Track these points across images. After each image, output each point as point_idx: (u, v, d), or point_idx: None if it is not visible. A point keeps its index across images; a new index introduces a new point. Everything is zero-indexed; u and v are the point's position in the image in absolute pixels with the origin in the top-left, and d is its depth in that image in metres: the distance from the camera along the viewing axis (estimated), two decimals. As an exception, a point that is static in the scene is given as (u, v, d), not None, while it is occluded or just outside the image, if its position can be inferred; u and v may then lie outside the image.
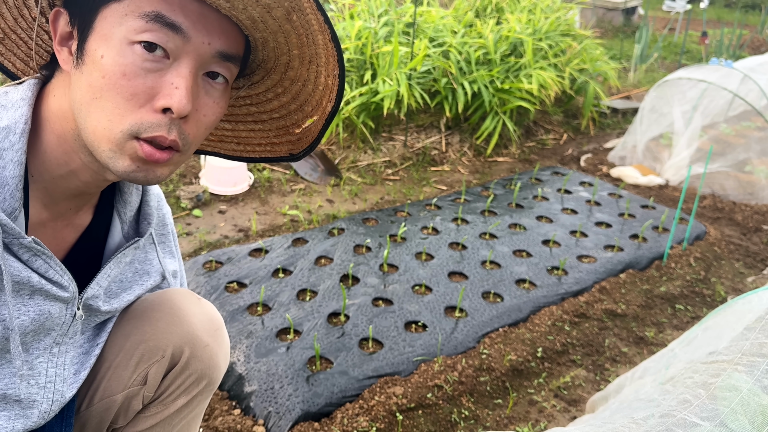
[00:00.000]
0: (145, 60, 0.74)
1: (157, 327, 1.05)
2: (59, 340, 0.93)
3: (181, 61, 0.76)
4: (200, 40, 0.76)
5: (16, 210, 0.80)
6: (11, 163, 0.78)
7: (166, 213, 1.11)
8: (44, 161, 0.84)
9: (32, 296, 0.85)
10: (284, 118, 0.97)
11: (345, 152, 4.08)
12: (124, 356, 1.05)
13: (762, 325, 1.20)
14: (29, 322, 0.85)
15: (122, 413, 1.08)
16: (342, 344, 2.10)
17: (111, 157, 0.78)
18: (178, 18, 0.74)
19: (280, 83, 0.92)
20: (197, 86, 0.79)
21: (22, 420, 0.90)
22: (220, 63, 0.80)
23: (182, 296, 1.10)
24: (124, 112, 0.75)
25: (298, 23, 0.78)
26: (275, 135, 1.00)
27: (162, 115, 0.77)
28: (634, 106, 5.48)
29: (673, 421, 1.06)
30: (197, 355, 1.08)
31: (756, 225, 3.41)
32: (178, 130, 0.78)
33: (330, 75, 0.85)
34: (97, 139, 0.78)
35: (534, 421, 1.93)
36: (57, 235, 0.92)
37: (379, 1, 4.74)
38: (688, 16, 8.72)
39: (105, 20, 0.75)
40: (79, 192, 0.89)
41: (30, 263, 0.83)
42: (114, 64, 0.74)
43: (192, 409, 1.14)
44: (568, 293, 2.53)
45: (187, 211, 3.16)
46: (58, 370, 0.94)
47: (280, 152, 1.01)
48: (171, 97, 0.75)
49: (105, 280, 0.96)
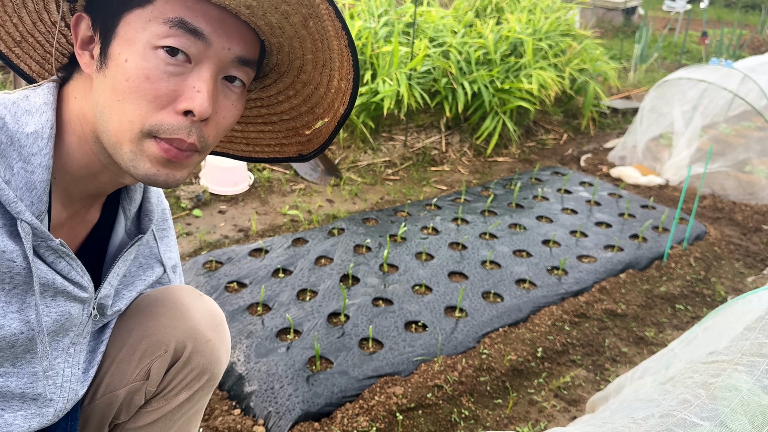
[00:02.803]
0: (168, 64, 0.76)
1: (160, 322, 1.06)
2: (75, 340, 0.95)
3: (202, 66, 0.78)
4: (221, 46, 0.78)
5: (42, 213, 0.81)
6: (39, 167, 0.80)
7: (166, 208, 1.13)
8: (66, 163, 0.85)
9: (54, 298, 0.86)
10: (294, 119, 0.97)
11: (345, 152, 4.08)
12: (127, 351, 1.06)
13: (762, 325, 1.20)
14: (51, 323, 0.87)
15: (125, 408, 1.09)
16: (342, 344, 2.10)
17: (132, 159, 0.80)
18: (200, 24, 0.76)
19: (292, 86, 0.93)
20: (216, 90, 0.81)
21: (38, 419, 0.91)
22: (239, 67, 0.82)
23: (184, 292, 1.11)
24: (146, 114, 0.77)
25: (314, 29, 0.80)
26: (285, 136, 1.01)
27: (183, 118, 0.78)
28: (634, 106, 5.48)
29: (673, 421, 1.06)
30: (199, 350, 1.09)
31: (756, 225, 3.41)
32: (198, 132, 0.80)
33: (344, 79, 0.86)
34: (118, 141, 0.79)
35: (534, 421, 1.93)
36: (71, 233, 0.94)
37: (379, 1, 4.74)
38: (688, 16, 8.72)
39: (129, 25, 0.77)
40: (97, 192, 0.91)
41: (54, 265, 0.85)
42: (138, 68, 0.76)
43: (194, 404, 1.15)
44: (568, 293, 2.53)
45: (187, 211, 3.16)
46: (73, 369, 0.96)
47: (289, 153, 1.02)
48: (193, 100, 0.77)
49: (115, 280, 0.98)
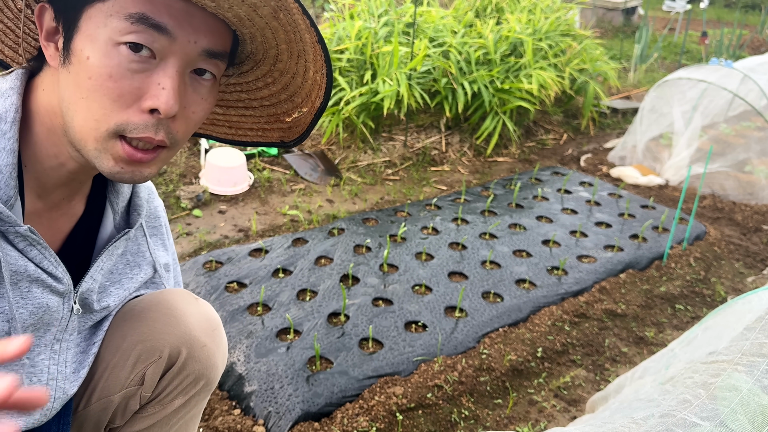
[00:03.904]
0: (131, 61, 0.74)
1: (154, 328, 1.05)
2: (59, 336, 0.93)
3: (167, 61, 0.76)
4: (186, 39, 0.76)
5: (11, 198, 0.80)
6: (4, 151, 0.79)
7: (158, 206, 1.11)
8: (35, 152, 0.85)
9: (30, 288, 0.85)
10: (275, 106, 0.97)
11: (345, 152, 4.08)
12: (122, 357, 1.05)
13: (762, 325, 1.20)
14: (28, 315, 0.86)
15: (119, 413, 1.08)
16: (342, 344, 2.10)
17: (96, 156, 0.79)
18: (164, 19, 0.74)
19: (269, 74, 0.92)
20: (184, 84, 0.79)
21: (25, 417, 0.90)
22: (207, 60, 0.80)
23: (179, 296, 1.10)
24: (110, 113, 0.76)
25: (285, 21, 0.79)
26: (266, 122, 1.00)
27: (149, 116, 0.77)
28: (634, 106, 5.48)
29: (673, 421, 1.06)
30: (194, 355, 1.07)
31: (756, 225, 3.41)
32: (166, 129, 0.79)
33: (318, 72, 0.86)
34: (83, 138, 0.79)
35: (534, 421, 1.93)
36: (52, 225, 0.92)
37: (379, 1, 4.74)
38: (688, 16, 8.72)
39: (90, 20, 0.75)
40: (70, 179, 0.90)
41: (26, 252, 0.84)
42: (100, 66, 0.74)
43: (190, 409, 1.14)
44: (568, 293, 2.53)
45: (187, 211, 3.16)
46: (59, 367, 0.94)
47: (271, 138, 1.02)
48: (158, 98, 0.75)
49: (98, 274, 0.96)
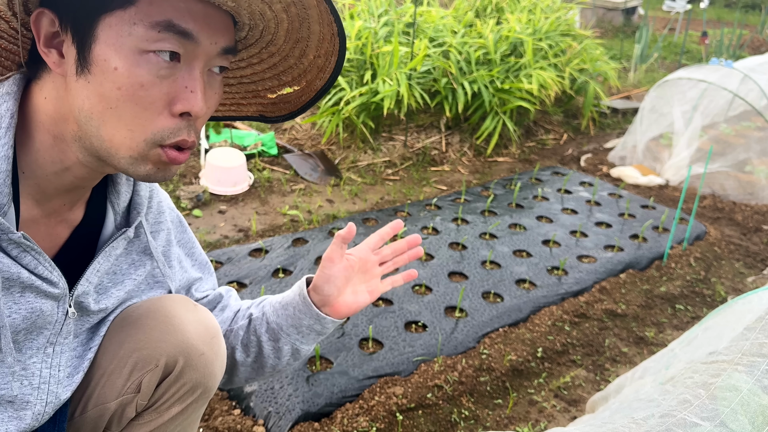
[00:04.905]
0: (161, 68, 0.75)
1: (151, 336, 1.02)
2: (53, 339, 0.92)
3: (192, 64, 0.78)
4: (208, 42, 0.78)
5: (4, 205, 0.79)
6: None
7: (162, 201, 1.08)
8: (36, 159, 0.83)
9: (23, 293, 0.84)
10: (256, 83, 0.97)
11: (345, 152, 4.08)
12: (118, 364, 1.03)
13: (762, 325, 1.20)
14: (20, 320, 0.85)
15: (116, 420, 1.06)
16: (342, 344, 2.10)
17: (131, 164, 0.80)
18: (189, 24, 0.75)
19: (257, 55, 0.93)
20: (205, 84, 0.81)
21: (16, 422, 0.89)
22: (223, 57, 0.82)
23: (177, 303, 1.07)
24: (145, 122, 0.77)
25: (295, 14, 0.80)
26: (243, 97, 1.00)
27: (179, 119, 0.79)
28: (634, 106, 5.47)
29: (673, 421, 1.06)
30: (192, 364, 1.05)
31: (756, 225, 3.41)
32: (194, 129, 0.81)
33: (322, 57, 0.85)
34: (114, 147, 0.79)
35: (534, 421, 1.93)
36: (51, 232, 0.91)
37: (379, 1, 4.74)
38: (688, 16, 8.72)
39: (110, 28, 0.74)
40: (73, 187, 0.88)
41: (19, 259, 0.82)
42: (130, 76, 0.75)
43: (187, 416, 1.12)
44: (568, 293, 2.53)
45: (187, 211, 3.16)
46: (52, 371, 0.93)
47: (247, 112, 1.02)
48: (188, 102, 0.78)
49: (94, 276, 0.94)
